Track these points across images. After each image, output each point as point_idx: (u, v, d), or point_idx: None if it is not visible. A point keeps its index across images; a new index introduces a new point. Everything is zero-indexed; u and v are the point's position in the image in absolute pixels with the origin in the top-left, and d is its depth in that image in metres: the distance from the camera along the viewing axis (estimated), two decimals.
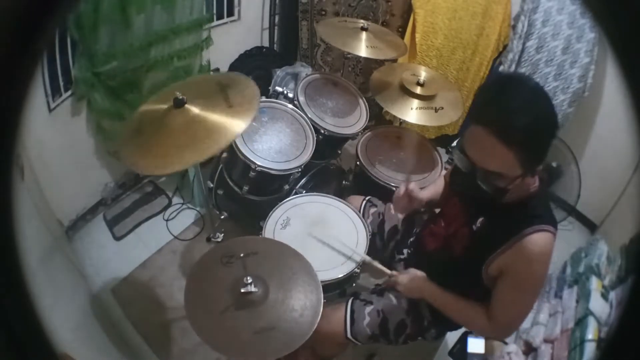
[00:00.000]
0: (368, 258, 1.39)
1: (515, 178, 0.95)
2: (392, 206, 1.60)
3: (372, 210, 1.61)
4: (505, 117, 0.89)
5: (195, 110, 1.25)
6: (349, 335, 1.31)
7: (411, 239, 1.52)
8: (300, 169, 1.70)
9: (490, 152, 0.92)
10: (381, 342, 1.34)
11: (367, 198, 1.65)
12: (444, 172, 1.88)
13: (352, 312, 1.33)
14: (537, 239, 0.99)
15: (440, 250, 1.25)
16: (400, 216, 1.56)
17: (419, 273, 1.28)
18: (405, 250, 1.51)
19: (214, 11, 2.33)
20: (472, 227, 1.12)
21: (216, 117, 1.25)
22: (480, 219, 1.10)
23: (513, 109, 0.89)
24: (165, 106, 1.28)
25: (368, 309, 1.33)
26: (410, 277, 1.27)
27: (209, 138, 1.21)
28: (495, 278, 1.08)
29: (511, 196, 1.03)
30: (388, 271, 1.35)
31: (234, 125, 1.23)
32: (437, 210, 1.44)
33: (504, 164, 0.92)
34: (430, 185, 1.49)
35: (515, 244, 1.01)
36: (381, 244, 1.56)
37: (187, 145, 1.20)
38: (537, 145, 0.92)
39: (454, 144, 1.04)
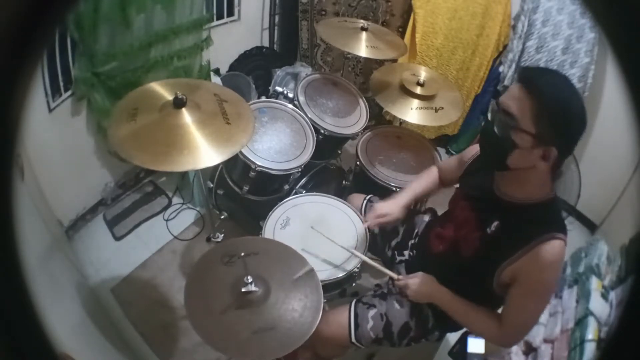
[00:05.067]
0: (371, 262, 1.37)
1: (523, 132, 0.95)
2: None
3: None
4: (540, 77, 0.97)
5: (194, 116, 1.26)
6: (353, 339, 1.30)
7: (412, 241, 1.51)
8: (300, 169, 1.70)
9: (515, 98, 0.97)
10: (384, 345, 1.33)
11: (368, 197, 1.65)
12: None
13: (356, 315, 1.32)
14: (551, 248, 0.98)
15: (447, 253, 1.24)
16: (401, 217, 1.55)
17: (428, 276, 1.25)
18: (406, 252, 1.51)
19: (214, 11, 2.33)
20: (485, 230, 1.10)
21: (215, 130, 1.26)
22: (495, 223, 1.09)
23: (549, 76, 0.99)
24: (163, 100, 1.28)
25: (371, 312, 1.32)
26: (420, 281, 1.25)
27: (208, 148, 1.22)
28: (507, 285, 1.07)
29: (529, 191, 1.03)
30: (394, 275, 1.32)
31: (233, 141, 1.27)
32: (443, 213, 1.43)
33: (521, 109, 0.95)
34: (414, 183, 1.48)
35: (529, 252, 1.00)
36: (382, 245, 1.56)
37: (184, 150, 1.20)
38: (551, 110, 0.92)
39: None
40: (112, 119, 1.27)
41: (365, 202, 1.63)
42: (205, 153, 1.21)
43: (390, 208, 1.41)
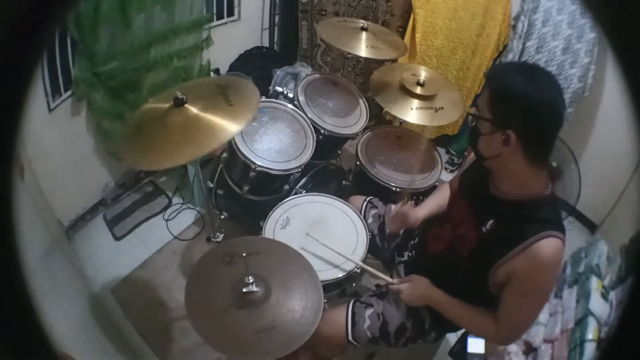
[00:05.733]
0: (366, 266, 1.37)
1: (483, 119, 1.03)
2: (394, 207, 1.60)
3: (373, 211, 1.60)
4: (495, 70, 1.07)
5: (195, 109, 1.26)
6: (349, 338, 1.30)
7: (412, 242, 1.51)
8: (300, 169, 1.70)
9: (482, 93, 1.08)
10: (381, 345, 1.34)
11: (367, 199, 1.64)
12: (443, 175, 1.88)
13: (353, 314, 1.32)
14: (547, 246, 0.98)
15: (445, 253, 1.24)
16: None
17: (422, 279, 1.25)
18: (405, 253, 1.50)
19: (214, 11, 2.33)
20: (481, 229, 1.11)
21: (217, 115, 1.26)
22: (490, 222, 1.09)
23: (510, 69, 1.08)
24: (166, 105, 1.29)
25: (368, 311, 1.32)
26: (413, 285, 1.25)
27: (210, 134, 1.22)
28: (503, 284, 1.07)
29: (522, 187, 1.04)
30: (387, 279, 1.32)
31: (236, 120, 1.26)
32: (441, 212, 1.43)
33: (482, 100, 1.06)
34: (431, 198, 1.48)
35: (525, 250, 0.99)
36: (382, 246, 1.55)
37: (187, 141, 1.20)
38: (503, 98, 1.00)
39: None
40: (120, 141, 1.30)
41: (365, 203, 1.63)
42: (217, 131, 1.22)
43: (411, 211, 1.41)
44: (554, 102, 0.96)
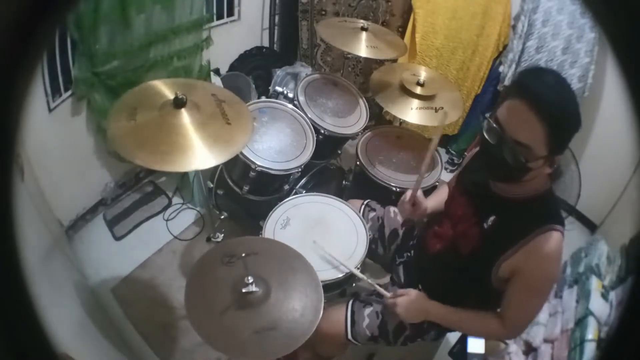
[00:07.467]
0: (362, 276, 1.36)
1: (537, 158, 0.95)
2: (392, 209, 1.60)
3: (371, 214, 1.60)
4: (542, 91, 0.93)
5: (194, 116, 1.26)
6: (349, 336, 1.31)
7: (412, 242, 1.51)
8: (300, 169, 1.70)
9: (523, 124, 0.94)
10: (380, 343, 1.34)
11: (365, 202, 1.64)
12: (443, 175, 1.88)
13: (352, 313, 1.32)
14: (548, 239, 0.99)
15: (445, 252, 1.24)
16: (400, 220, 1.55)
17: (418, 293, 1.24)
18: (405, 254, 1.50)
19: (214, 11, 2.33)
20: (482, 225, 1.11)
21: (217, 130, 1.27)
22: (492, 217, 1.10)
23: (549, 86, 0.94)
24: (165, 97, 1.29)
25: (367, 310, 1.33)
26: (409, 299, 1.23)
27: (212, 148, 1.23)
28: (506, 280, 1.07)
29: (527, 187, 1.04)
30: (382, 291, 1.30)
31: (236, 141, 1.28)
32: (439, 212, 1.43)
33: (533, 137, 0.94)
34: (433, 195, 1.48)
35: (527, 244, 1.01)
36: (382, 249, 1.55)
37: (186, 150, 1.20)
38: (563, 128, 0.94)
39: (488, 114, 1.04)
40: (110, 118, 1.27)
41: (363, 206, 1.63)
42: (207, 153, 1.21)
43: (423, 198, 1.38)
44: (578, 110, 0.96)
